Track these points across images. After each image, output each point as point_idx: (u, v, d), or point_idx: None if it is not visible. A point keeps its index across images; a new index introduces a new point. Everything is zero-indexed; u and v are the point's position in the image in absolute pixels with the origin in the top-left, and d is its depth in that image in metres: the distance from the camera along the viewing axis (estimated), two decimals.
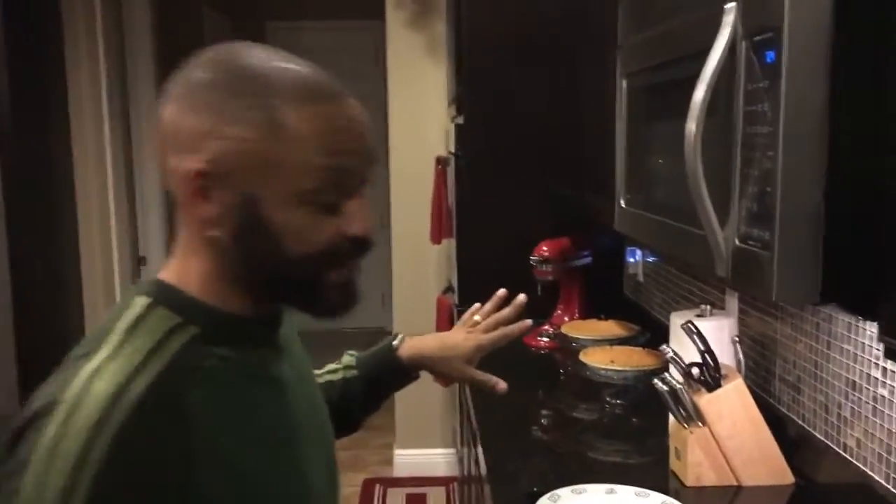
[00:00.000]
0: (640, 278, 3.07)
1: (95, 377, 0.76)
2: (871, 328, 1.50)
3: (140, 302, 0.84)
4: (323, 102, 0.83)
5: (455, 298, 3.33)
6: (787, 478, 1.70)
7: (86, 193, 4.03)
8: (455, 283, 3.35)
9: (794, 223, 0.93)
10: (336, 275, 0.85)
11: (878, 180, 0.88)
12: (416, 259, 4.07)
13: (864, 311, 0.92)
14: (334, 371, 1.28)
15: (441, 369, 1.30)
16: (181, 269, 0.87)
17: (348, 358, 1.32)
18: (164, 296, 0.85)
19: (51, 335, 3.71)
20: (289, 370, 0.93)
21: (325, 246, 0.83)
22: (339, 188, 0.83)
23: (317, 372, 1.20)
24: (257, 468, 0.83)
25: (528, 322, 1.36)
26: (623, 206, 1.67)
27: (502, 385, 1.34)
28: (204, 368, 0.81)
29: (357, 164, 0.84)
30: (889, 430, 1.45)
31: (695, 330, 1.77)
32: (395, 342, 1.29)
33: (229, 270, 0.84)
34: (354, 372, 1.28)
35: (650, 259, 2.99)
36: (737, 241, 1.04)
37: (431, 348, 1.29)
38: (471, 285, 3.26)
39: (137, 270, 4.85)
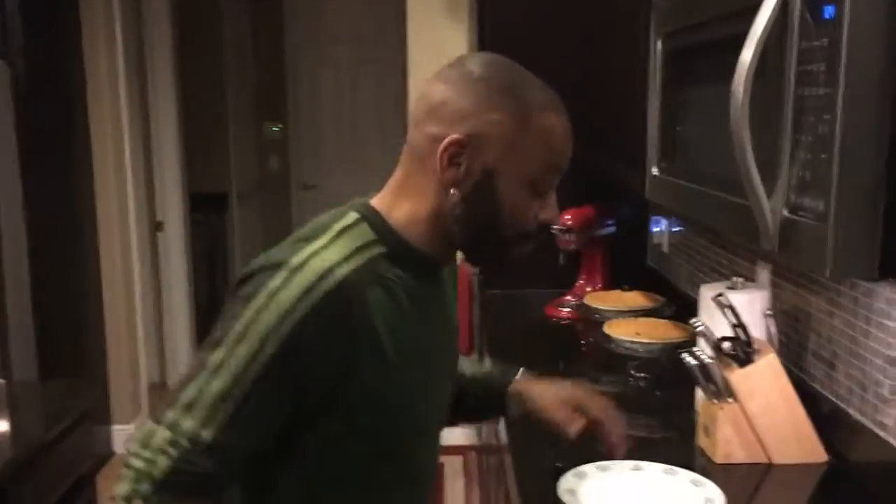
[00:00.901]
0: (665, 249, 3.00)
1: (314, 256, 1.00)
2: None
3: (352, 216, 1.08)
4: (558, 114, 1.08)
5: (475, 267, 3.28)
6: (821, 456, 1.65)
7: (103, 162, 4.00)
8: None
9: (852, 193, 0.86)
10: (523, 247, 1.11)
11: None
12: None
13: None
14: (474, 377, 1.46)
15: (541, 404, 1.40)
16: (392, 202, 1.10)
17: (478, 370, 1.49)
18: (371, 217, 1.08)
19: (66, 299, 3.70)
20: (439, 306, 1.16)
21: (527, 223, 1.08)
22: (549, 181, 1.08)
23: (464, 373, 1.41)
24: (402, 365, 1.05)
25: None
26: (655, 173, 1.60)
27: (575, 429, 1.38)
28: (384, 277, 1.04)
29: (563, 166, 1.10)
30: None
31: (727, 303, 1.71)
32: (514, 377, 1.45)
33: (441, 220, 1.07)
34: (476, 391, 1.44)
35: (676, 229, 2.91)
36: (786, 212, 0.98)
37: (540, 388, 1.43)
38: None
39: (154, 236, 4.83)
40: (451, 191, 1.06)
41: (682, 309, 2.48)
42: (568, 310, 2.82)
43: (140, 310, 4.28)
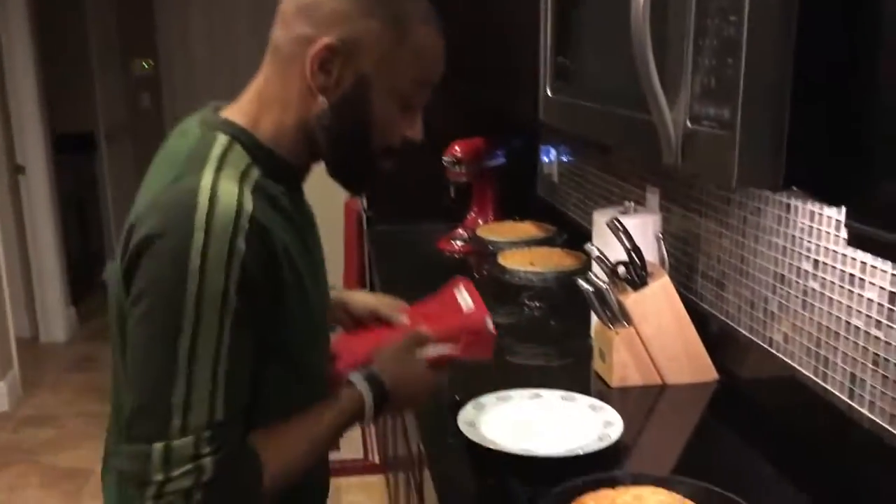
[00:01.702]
0: (555, 179, 2.99)
1: (217, 189, 0.93)
2: (804, 220, 1.45)
3: (222, 139, 1.01)
4: (436, 28, 1.04)
5: (364, 203, 3.19)
6: (712, 375, 1.68)
7: None
8: None
9: (758, 98, 0.83)
10: (386, 163, 1.08)
11: (853, 51, 0.78)
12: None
13: (830, 197, 0.84)
14: None
15: (357, 309, 1.40)
16: (256, 114, 1.04)
17: None
18: (241, 137, 1.02)
19: None
20: (309, 214, 1.14)
21: (393, 138, 1.06)
22: (420, 96, 1.05)
23: None
24: (309, 280, 1.04)
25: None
26: (549, 94, 1.55)
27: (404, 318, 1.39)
28: (273, 197, 1.00)
29: (435, 82, 1.06)
30: (819, 324, 1.42)
31: (621, 227, 1.69)
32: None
33: (308, 130, 1.03)
34: None
35: (565, 158, 2.90)
36: (688, 123, 0.94)
37: (360, 297, 1.43)
38: (380, 188, 3.12)
39: (15, 181, 4.49)
40: (320, 98, 1.01)
41: (574, 237, 2.48)
42: (460, 243, 2.78)
43: (3, 259, 3.98)
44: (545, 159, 3.04)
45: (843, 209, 0.82)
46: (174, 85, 6.38)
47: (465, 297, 1.41)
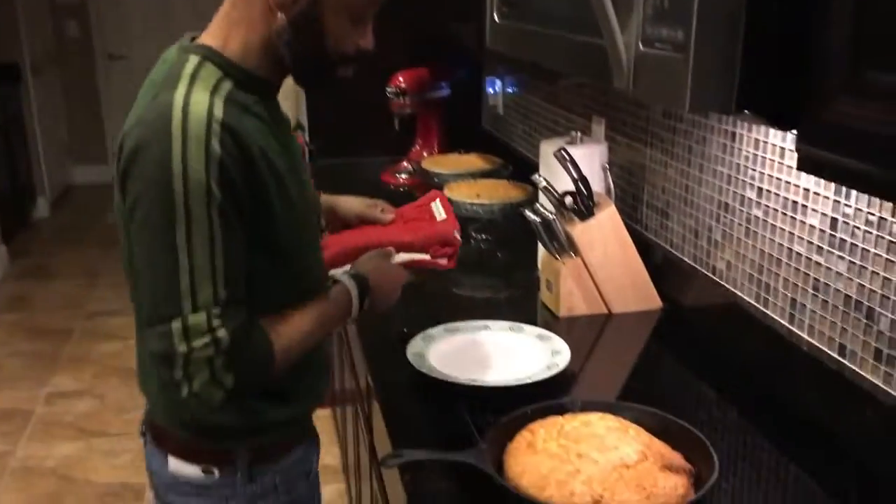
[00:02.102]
0: (500, 111, 2.96)
1: (188, 100, 1.05)
2: (748, 148, 1.46)
3: (194, 59, 1.12)
4: None
5: (306, 136, 3.11)
6: (656, 303, 1.70)
7: None
8: (305, 121, 3.12)
9: (711, 21, 0.81)
10: (345, 71, 1.19)
11: None
12: None
13: (780, 121, 0.83)
14: None
15: (346, 213, 1.60)
16: (224, 37, 1.14)
17: None
18: (211, 56, 1.12)
19: None
20: (280, 126, 1.20)
21: (348, 49, 1.15)
22: (369, 10, 1.15)
23: None
24: (289, 178, 1.15)
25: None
26: (496, 20, 1.51)
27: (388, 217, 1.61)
28: (245, 105, 1.11)
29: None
30: (761, 251, 1.44)
31: (568, 157, 1.68)
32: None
33: (272, 45, 1.13)
34: None
35: (510, 90, 2.87)
36: (640, 46, 0.92)
37: (344, 201, 1.62)
38: (322, 122, 3.05)
39: None
40: (279, 15, 1.10)
41: (520, 169, 2.46)
42: (405, 176, 2.75)
43: None
44: (490, 91, 3.00)
45: (794, 133, 0.81)
46: (102, 14, 6.09)
47: (439, 209, 1.62)
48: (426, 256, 1.51)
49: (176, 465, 1.23)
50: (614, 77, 0.97)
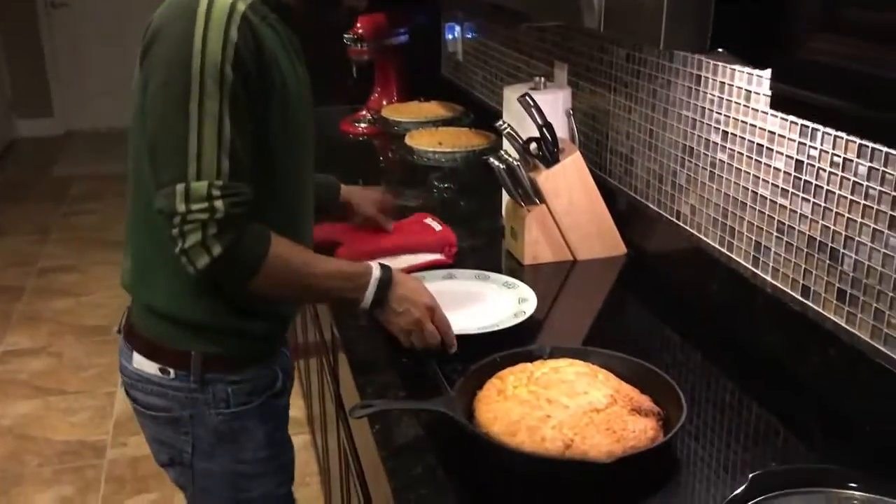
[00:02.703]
0: (460, 57, 2.91)
1: None
2: (714, 92, 1.45)
3: None
4: None
5: None
6: (620, 249, 1.70)
7: None
8: None
9: None
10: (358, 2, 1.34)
11: None
12: None
13: (755, 58, 0.82)
14: None
15: (361, 206, 1.70)
16: None
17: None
18: None
19: None
20: (299, 53, 1.29)
21: None
22: None
23: None
24: (294, 87, 1.23)
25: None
26: None
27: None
28: (267, 16, 1.19)
29: None
30: (725, 194, 1.44)
31: (532, 103, 1.66)
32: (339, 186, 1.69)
33: None
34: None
35: (470, 35, 2.82)
36: None
37: (359, 192, 1.73)
38: None
39: None
40: None
41: (481, 117, 2.43)
42: (364, 125, 2.70)
43: None
44: (449, 36, 2.94)
45: (769, 71, 0.80)
46: None
47: (434, 224, 1.76)
48: (429, 257, 1.65)
49: (139, 361, 1.32)
50: (584, 16, 0.94)
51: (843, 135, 1.15)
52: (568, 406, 1.06)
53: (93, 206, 4.94)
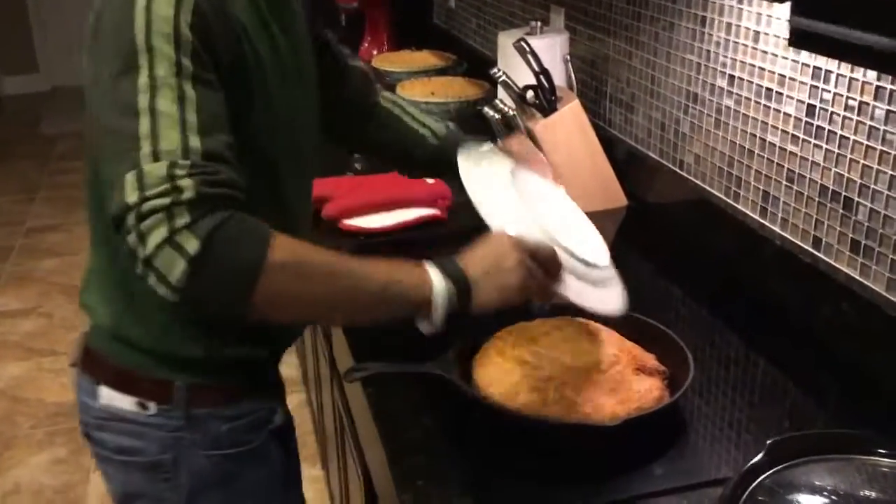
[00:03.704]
0: (452, 4, 2.81)
1: None
2: (719, 33, 1.37)
3: None
4: None
5: None
6: (621, 201, 1.64)
7: None
8: None
9: None
10: None
11: None
12: None
13: None
14: (426, 126, 1.30)
15: None
16: None
17: (443, 129, 1.31)
18: None
19: None
20: (293, 16, 1.04)
21: None
22: None
23: (409, 109, 1.33)
24: (273, 66, 0.97)
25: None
26: None
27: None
28: None
29: None
30: (731, 142, 1.38)
31: (528, 48, 1.58)
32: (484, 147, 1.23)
33: None
34: (433, 142, 1.29)
35: None
36: None
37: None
38: None
39: None
40: None
41: (474, 66, 2.35)
42: None
43: None
44: None
45: (785, 7, 0.73)
46: None
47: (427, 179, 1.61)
48: (425, 212, 1.55)
49: (108, 396, 1.06)
50: None
51: (860, 76, 1.08)
52: (570, 367, 1.02)
53: (79, 164, 4.84)
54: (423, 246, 1.52)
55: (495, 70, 1.63)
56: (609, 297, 1.07)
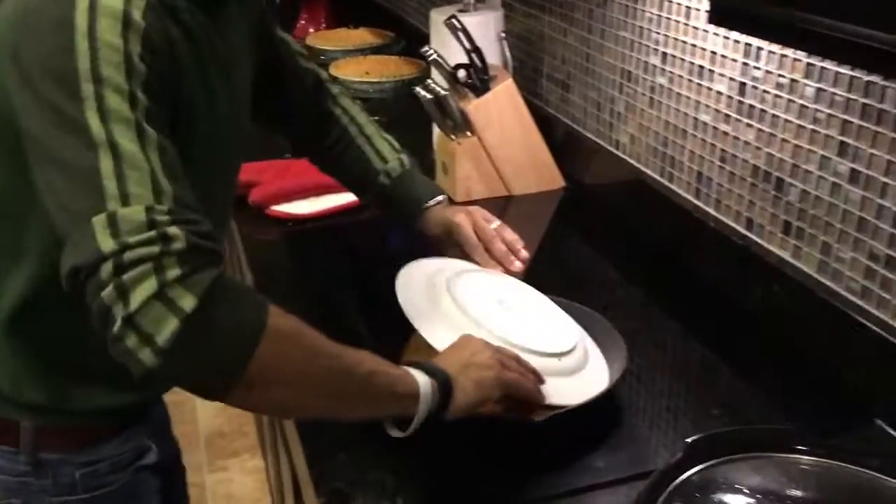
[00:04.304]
0: None
1: None
2: (652, 10, 1.34)
3: None
4: None
5: None
6: (558, 182, 1.61)
7: None
8: None
9: None
10: None
11: None
12: None
13: None
14: (380, 157, 1.22)
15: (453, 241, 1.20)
16: None
17: (398, 166, 1.21)
18: None
19: None
20: (231, 51, 0.93)
21: None
22: None
23: (366, 129, 1.24)
24: (217, 94, 0.87)
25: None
26: None
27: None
28: (175, 7, 0.81)
29: None
30: (666, 122, 1.35)
31: (460, 26, 1.53)
32: (432, 202, 1.20)
33: None
34: (385, 182, 1.20)
35: None
36: None
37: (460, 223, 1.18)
38: None
39: None
40: None
41: (414, 43, 2.29)
42: None
43: None
44: None
45: None
46: None
47: None
48: (348, 198, 1.45)
49: None
50: None
51: (790, 52, 1.06)
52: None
53: None
54: (353, 231, 1.47)
55: (426, 48, 1.57)
56: (594, 376, 0.99)
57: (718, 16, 0.68)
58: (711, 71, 1.22)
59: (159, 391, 1.06)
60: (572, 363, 0.99)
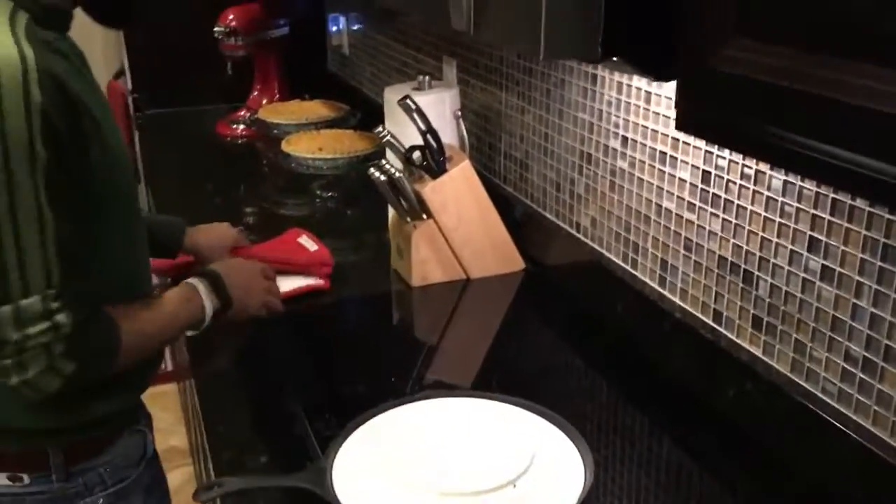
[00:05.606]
0: (346, 51, 2.71)
1: None
2: (611, 92, 1.31)
3: None
4: None
5: (129, 83, 2.76)
6: (518, 264, 1.55)
7: None
8: (126, 65, 2.76)
9: None
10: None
11: None
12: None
13: (657, 69, 0.67)
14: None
15: (210, 256, 1.43)
16: None
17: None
18: None
19: None
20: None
21: None
22: None
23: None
24: (104, 120, 0.98)
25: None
26: None
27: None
28: (50, 42, 0.93)
29: None
30: (628, 206, 1.31)
31: (414, 106, 1.48)
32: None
33: None
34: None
35: (356, 27, 2.62)
36: None
37: (205, 240, 1.45)
38: (145, 66, 2.71)
39: None
40: None
41: (369, 117, 2.25)
42: (242, 127, 2.47)
43: None
44: (333, 28, 2.74)
45: (675, 84, 0.65)
46: None
47: (309, 243, 1.57)
48: (306, 282, 1.48)
49: None
50: (452, 16, 0.77)
51: None
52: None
53: None
54: (309, 319, 1.40)
55: (380, 129, 1.52)
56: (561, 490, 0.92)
57: (689, 124, 0.64)
58: (674, 157, 1.18)
59: (145, 383, 1.19)
60: (528, 485, 0.92)
